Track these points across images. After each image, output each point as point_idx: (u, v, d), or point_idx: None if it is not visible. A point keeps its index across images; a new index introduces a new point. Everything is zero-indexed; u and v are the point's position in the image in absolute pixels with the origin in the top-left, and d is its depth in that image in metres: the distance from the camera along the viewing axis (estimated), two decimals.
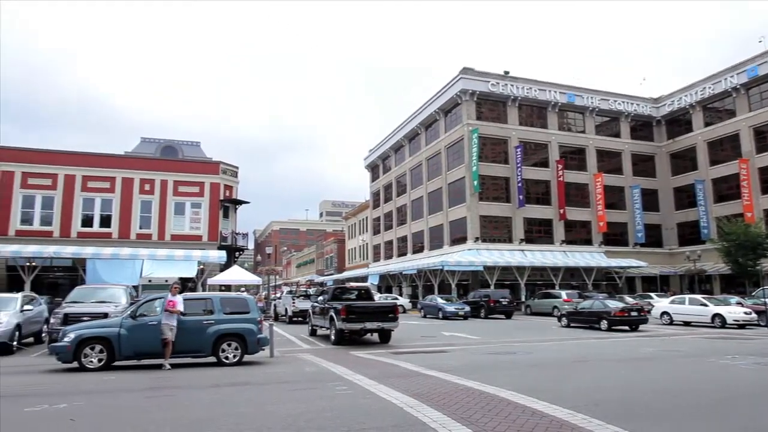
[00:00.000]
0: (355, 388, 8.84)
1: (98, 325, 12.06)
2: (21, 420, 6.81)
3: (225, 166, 38.58)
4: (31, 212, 33.42)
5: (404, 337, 19.27)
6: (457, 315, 31.41)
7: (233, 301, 13.18)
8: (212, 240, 36.19)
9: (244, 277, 34.10)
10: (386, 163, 64.42)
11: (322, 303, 19.00)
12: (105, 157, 36.81)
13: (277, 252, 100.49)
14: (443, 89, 48.07)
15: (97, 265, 30.65)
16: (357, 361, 12.72)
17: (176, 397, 8.49)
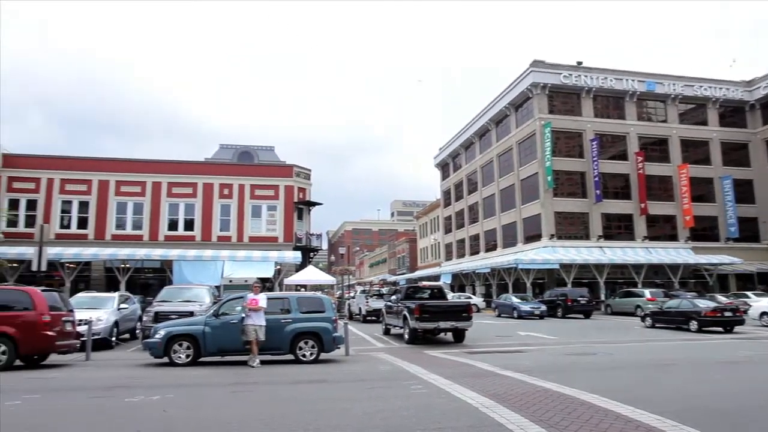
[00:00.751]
0: (430, 388, 8.83)
1: (185, 323, 12.77)
2: (122, 409, 7.34)
3: (298, 169, 39.69)
4: (124, 218, 35.92)
5: (478, 336, 19.02)
6: (532, 314, 30.63)
7: (309, 301, 13.54)
8: (287, 241, 37.34)
9: (318, 277, 34.91)
10: (456, 161, 63.84)
11: (395, 302, 19.11)
12: (187, 164, 38.91)
13: (350, 252, 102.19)
14: (513, 84, 47.00)
15: (182, 266, 32.52)
16: (431, 360, 12.69)
17: (257, 392, 8.83)
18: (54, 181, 35.25)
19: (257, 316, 11.84)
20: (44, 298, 12.14)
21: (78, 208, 35.38)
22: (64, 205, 35.32)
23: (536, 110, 43.67)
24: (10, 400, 7.83)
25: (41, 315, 11.74)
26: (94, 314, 15.47)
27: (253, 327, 11.79)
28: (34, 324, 11.63)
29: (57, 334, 12.02)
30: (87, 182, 35.61)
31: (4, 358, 11.35)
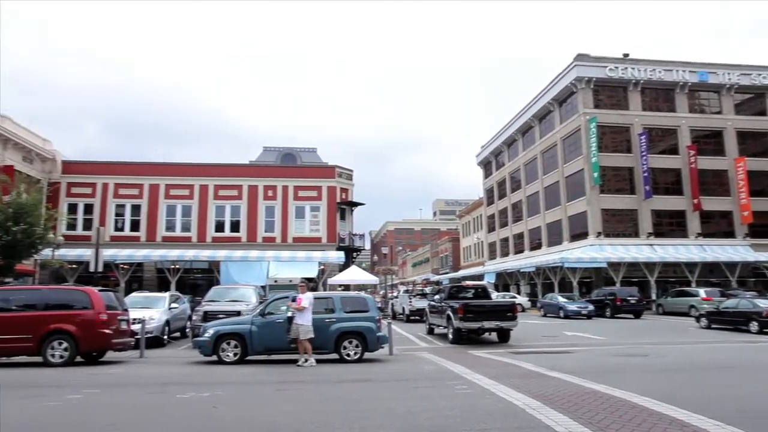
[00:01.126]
0: (474, 388, 8.75)
1: (232, 322, 13.09)
2: (174, 405, 7.60)
3: (340, 169, 40.06)
4: (173, 220, 37.14)
5: (523, 336, 18.73)
6: (579, 314, 29.92)
7: (353, 300, 13.65)
8: (331, 241, 37.73)
9: (361, 276, 35.14)
10: (499, 159, 63.03)
11: (439, 302, 19.04)
12: (232, 167, 39.88)
13: (393, 252, 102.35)
14: (556, 79, 46.02)
15: (229, 266, 33.37)
16: (475, 360, 12.58)
17: (303, 390, 8.96)
18: (108, 186, 36.79)
19: (301, 315, 11.97)
20: (101, 297, 12.69)
21: (131, 211, 36.82)
22: (117, 208, 36.83)
23: (581, 105, 42.63)
24: (72, 394, 8.23)
25: (99, 314, 12.28)
26: (147, 313, 16.05)
27: (298, 326, 11.96)
28: (92, 322, 12.18)
29: (113, 332, 12.54)
30: (138, 186, 37.02)
31: (66, 354, 11.94)
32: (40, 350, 11.94)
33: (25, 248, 24.87)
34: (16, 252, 24.60)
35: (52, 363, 11.81)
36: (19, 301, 12.70)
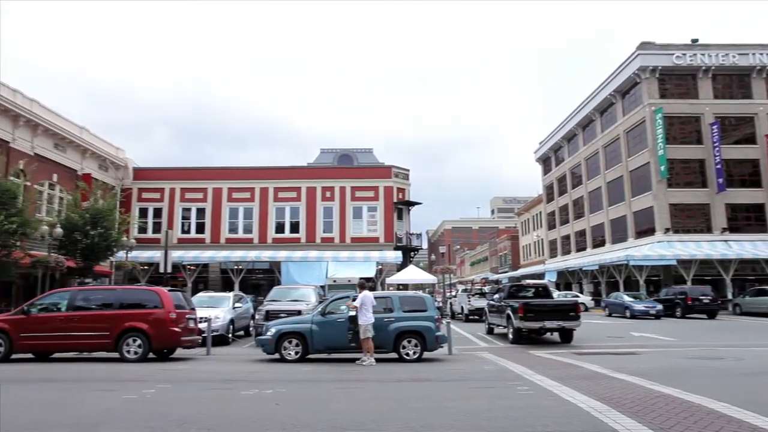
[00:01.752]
0: (536, 389, 8.56)
1: (294, 321, 13.41)
2: (239, 401, 7.86)
3: (397, 169, 40.19)
4: (236, 222, 38.43)
5: (587, 336, 18.14)
6: (647, 314, 28.67)
7: (411, 300, 13.66)
8: (388, 241, 37.92)
9: (419, 276, 35.10)
10: (558, 155, 61.33)
11: (498, 301, 18.76)
12: (291, 169, 40.80)
13: (450, 251, 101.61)
14: (618, 69, 44.27)
15: (289, 267, 34.18)
16: (537, 360, 12.30)
17: (362, 389, 9.04)
18: (175, 191, 38.53)
19: (362, 314, 12.07)
20: (171, 297, 13.33)
21: (196, 214, 38.40)
22: (184, 212, 38.50)
23: (645, 96, 40.80)
24: (146, 389, 8.68)
25: (169, 313, 12.90)
26: (213, 312, 16.68)
27: (360, 325, 12.08)
28: (163, 321, 12.80)
29: (182, 330, 13.13)
30: (203, 190, 38.55)
31: (140, 350, 12.61)
32: (117, 346, 12.67)
33: (102, 251, 26.47)
34: (94, 254, 26.21)
35: (128, 359, 12.52)
36: (97, 300, 13.58)
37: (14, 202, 21.01)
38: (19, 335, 12.82)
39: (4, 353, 12.74)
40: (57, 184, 31.29)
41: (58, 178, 31.34)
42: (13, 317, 13.36)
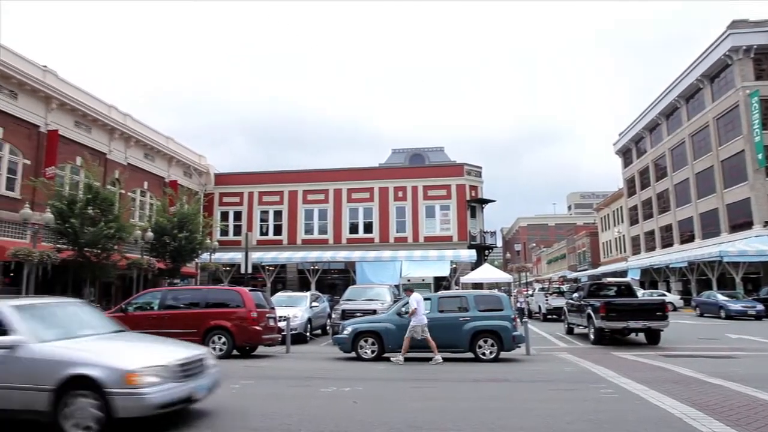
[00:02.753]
0: (621, 392, 8.17)
1: (369, 320, 13.58)
2: (319, 398, 8.07)
3: (469, 167, 39.71)
4: (311, 224, 39.44)
5: (677, 338, 17.10)
6: (745, 314, 26.60)
7: (487, 299, 13.45)
8: (462, 240, 37.54)
9: (494, 275, 34.49)
10: (640, 146, 58.20)
11: (578, 300, 18.11)
12: (363, 170, 41.31)
13: (526, 249, 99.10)
14: (706, 53, 41.34)
15: (364, 266, 34.61)
16: (620, 362, 11.75)
17: (438, 388, 9.01)
18: (253, 194, 40.11)
19: (414, 316, 12.19)
20: (252, 297, 13.90)
21: (273, 216, 39.77)
22: (262, 214, 40.00)
23: (738, 78, 37.83)
24: (232, 384, 9.09)
25: (250, 312, 13.45)
26: (291, 311, 17.21)
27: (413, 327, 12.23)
28: (245, 319, 13.37)
29: (263, 328, 13.65)
30: (279, 193, 39.86)
31: (225, 347, 13.24)
32: (204, 343, 13.34)
33: (188, 253, 28.01)
34: (181, 256, 27.78)
35: (213, 355, 13.15)
36: (185, 300, 14.39)
37: (112, 209, 22.68)
38: None
39: None
40: (147, 191, 33.48)
41: (148, 185, 33.52)
42: (113, 315, 14.40)
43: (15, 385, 5.68)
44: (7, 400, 5.70)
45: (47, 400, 5.57)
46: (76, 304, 7.75)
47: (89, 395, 5.55)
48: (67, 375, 5.57)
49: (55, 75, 25.72)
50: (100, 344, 6.55)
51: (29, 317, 6.26)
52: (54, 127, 25.37)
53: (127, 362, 5.75)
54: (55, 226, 20.92)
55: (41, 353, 5.79)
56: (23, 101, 24.04)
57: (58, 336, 6.25)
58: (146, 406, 5.57)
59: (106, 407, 5.50)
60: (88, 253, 21.71)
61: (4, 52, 22.88)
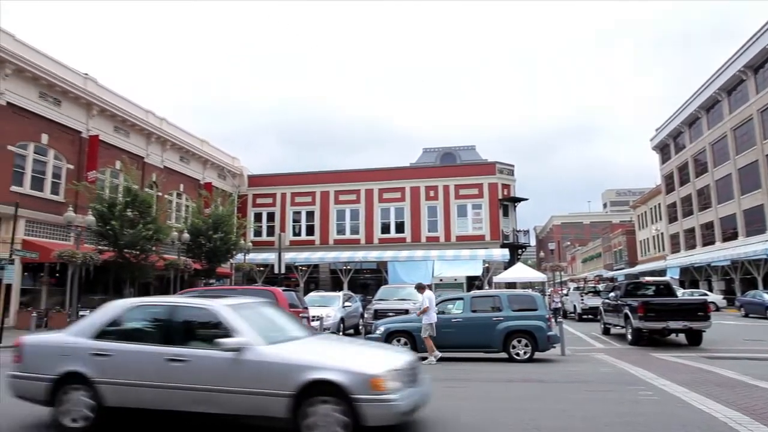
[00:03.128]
0: (661, 395, 7.95)
1: (402, 320, 13.59)
2: None
3: (501, 165, 39.31)
4: (343, 224, 39.68)
5: (720, 339, 16.54)
6: None
7: (521, 299, 13.29)
8: (494, 239, 37.19)
9: (528, 274, 34.03)
10: (678, 141, 56.53)
11: (615, 300, 17.71)
12: (394, 170, 41.33)
13: (560, 247, 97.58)
14: (749, 42, 39.85)
15: (396, 266, 34.63)
16: (660, 363, 11.44)
17: (471, 389, 8.94)
18: (286, 195, 40.59)
19: (426, 314, 12.24)
20: (285, 296, 14.05)
21: (305, 217, 40.16)
22: (294, 215, 40.43)
23: None
24: None
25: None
26: (324, 311, 17.33)
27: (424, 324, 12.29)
28: None
29: None
30: (311, 194, 40.22)
31: None
32: None
33: (222, 253, 28.56)
34: (216, 257, 28.34)
35: None
36: None
37: (149, 211, 23.32)
38: None
39: None
40: (183, 193, 34.27)
41: (184, 187, 34.31)
42: None
43: (244, 390, 5.37)
44: (234, 405, 5.44)
45: (285, 406, 5.22)
46: (270, 304, 7.59)
47: (333, 401, 5.15)
48: (308, 380, 5.20)
49: (95, 82, 26.56)
50: (326, 346, 6.31)
51: (245, 318, 6.01)
52: (95, 133, 26.22)
53: (369, 366, 5.34)
54: (96, 228, 21.63)
55: (273, 356, 5.47)
56: (66, 108, 24.93)
57: (278, 338, 5.99)
58: (394, 413, 5.18)
59: (353, 414, 5.07)
60: (128, 254, 22.37)
61: (48, 62, 23.77)
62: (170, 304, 6.40)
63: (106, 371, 5.83)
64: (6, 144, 21.74)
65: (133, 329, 6.26)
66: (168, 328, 6.07)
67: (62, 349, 6.09)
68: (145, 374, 5.71)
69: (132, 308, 6.45)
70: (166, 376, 5.63)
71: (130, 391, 5.76)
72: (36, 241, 22.10)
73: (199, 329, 6.07)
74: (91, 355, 5.93)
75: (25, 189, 22.51)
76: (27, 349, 6.28)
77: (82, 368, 5.90)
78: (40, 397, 6.05)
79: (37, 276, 23.26)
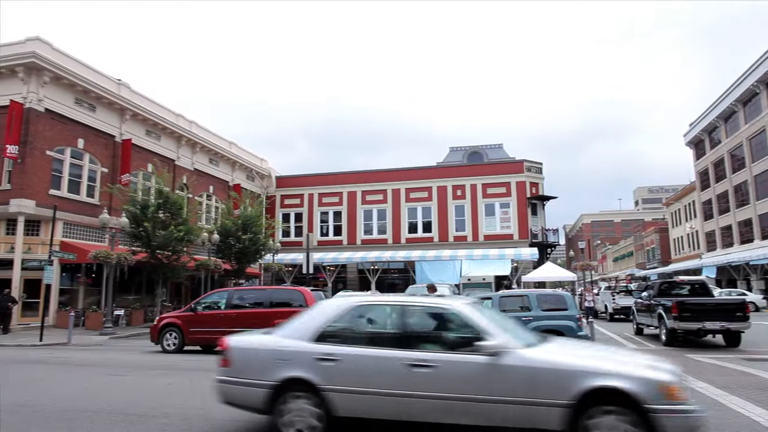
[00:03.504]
0: (697, 397, 7.71)
1: None
2: None
3: (529, 163, 38.84)
4: (370, 224, 39.75)
5: (761, 340, 16.02)
6: None
7: (550, 298, 13.10)
8: (523, 238, 36.77)
9: (557, 273, 33.52)
10: (713, 136, 54.96)
11: (647, 299, 17.31)
12: (421, 169, 41.22)
13: (590, 246, 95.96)
14: None
15: (423, 266, 34.53)
16: (696, 365, 11.13)
17: None
18: (314, 196, 40.87)
19: None
20: (314, 296, 14.19)
21: (333, 217, 40.37)
22: (322, 215, 40.68)
23: None
24: None
25: None
26: None
27: None
28: None
29: None
30: (338, 194, 40.41)
31: None
32: None
33: (252, 254, 28.92)
34: (246, 257, 28.71)
35: None
36: (251, 299, 14.88)
37: (180, 213, 23.78)
38: (189, 330, 14.53)
39: (178, 345, 14.51)
40: (213, 194, 34.82)
41: (214, 189, 34.87)
42: (184, 314, 15.12)
43: (506, 399, 4.89)
44: (492, 415, 4.96)
45: (559, 416, 4.70)
46: (479, 303, 6.84)
47: (618, 412, 4.62)
48: (590, 387, 4.67)
49: (128, 88, 27.20)
50: (594, 350, 5.78)
51: (490, 319, 5.56)
52: (128, 137, 26.85)
53: (656, 372, 4.77)
54: (129, 230, 22.17)
55: (542, 361, 4.97)
56: (101, 113, 25.60)
57: (529, 340, 5.52)
58: (694, 426, 4.59)
59: (646, 427, 4.53)
60: (160, 255, 22.86)
61: (83, 68, 24.44)
62: (401, 303, 5.80)
63: (335, 378, 5.34)
64: (45, 149, 22.46)
65: (358, 331, 5.74)
66: (403, 330, 5.52)
67: (280, 353, 5.60)
68: (383, 381, 5.22)
69: (353, 308, 5.88)
70: (408, 383, 5.13)
71: (365, 400, 5.26)
72: (73, 243, 22.76)
73: (441, 331, 5.60)
74: (316, 360, 5.43)
75: (62, 192, 23.20)
76: (236, 353, 5.83)
77: (306, 374, 5.41)
78: (255, 405, 5.59)
79: (74, 276, 23.96)
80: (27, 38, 22.29)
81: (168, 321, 14.98)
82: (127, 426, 6.23)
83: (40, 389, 8.81)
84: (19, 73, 21.92)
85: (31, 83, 22.09)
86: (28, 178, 21.57)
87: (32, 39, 22.25)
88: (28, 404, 7.38)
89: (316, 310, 6.04)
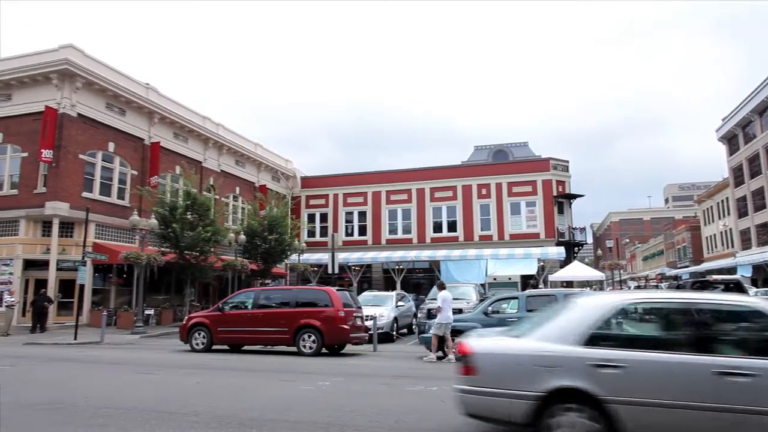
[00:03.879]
0: None
1: (455, 319, 13.46)
2: (406, 396, 8.11)
3: (555, 161, 38.34)
4: (395, 223, 39.74)
5: None
6: None
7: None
8: (549, 237, 36.32)
9: (585, 272, 33.04)
10: (748, 131, 53.40)
11: None
12: (446, 168, 41.06)
13: (619, 245, 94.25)
14: None
15: (448, 265, 34.39)
16: None
17: None
18: (338, 196, 41.07)
19: (441, 313, 12.51)
20: (339, 296, 14.24)
21: (358, 217, 40.50)
22: (347, 216, 40.84)
23: None
24: (322, 381, 9.37)
25: (338, 311, 13.77)
26: (377, 311, 17.43)
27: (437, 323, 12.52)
28: (333, 318, 13.70)
29: (350, 327, 13.92)
30: (363, 194, 40.52)
31: (315, 346, 13.65)
32: (294, 341, 13.85)
33: (277, 254, 29.21)
34: (272, 257, 29.02)
35: (304, 353, 13.60)
36: (277, 299, 14.99)
37: (208, 214, 24.17)
38: (216, 329, 14.73)
39: (206, 345, 14.72)
40: (239, 196, 35.28)
41: (240, 190, 35.33)
42: (212, 314, 15.35)
43: None
44: None
45: None
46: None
47: None
48: None
49: (156, 92, 27.75)
50: None
51: None
52: (156, 140, 27.40)
53: None
54: (159, 231, 22.62)
55: None
56: (130, 117, 26.18)
57: None
58: None
59: None
60: (188, 256, 23.27)
61: (113, 74, 25.03)
62: (690, 301, 5.13)
63: (620, 388, 4.63)
64: (78, 153, 23.07)
65: (642, 333, 5.12)
66: (698, 332, 4.84)
67: (543, 359, 4.93)
68: (688, 393, 4.54)
69: (626, 306, 5.24)
70: (718, 395, 4.47)
71: (664, 415, 4.54)
72: (105, 244, 23.33)
73: (747, 333, 4.97)
74: (592, 367, 4.73)
75: (94, 195, 23.80)
76: (484, 359, 5.17)
77: (581, 383, 4.72)
78: (514, 419, 4.93)
79: (106, 276, 24.55)
80: (60, 46, 22.94)
81: (196, 321, 15.21)
82: (159, 423, 6.35)
83: (74, 387, 9.05)
84: (53, 80, 22.57)
85: (65, 89, 22.72)
86: (62, 181, 22.18)
87: (65, 46, 22.88)
88: (66, 401, 7.58)
89: (577, 309, 5.30)
